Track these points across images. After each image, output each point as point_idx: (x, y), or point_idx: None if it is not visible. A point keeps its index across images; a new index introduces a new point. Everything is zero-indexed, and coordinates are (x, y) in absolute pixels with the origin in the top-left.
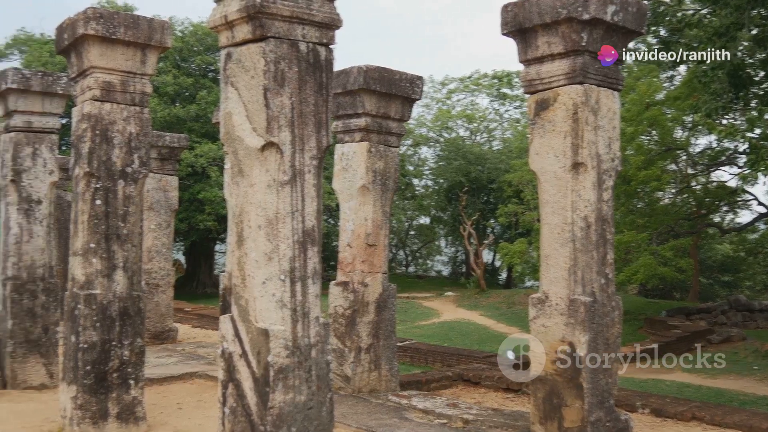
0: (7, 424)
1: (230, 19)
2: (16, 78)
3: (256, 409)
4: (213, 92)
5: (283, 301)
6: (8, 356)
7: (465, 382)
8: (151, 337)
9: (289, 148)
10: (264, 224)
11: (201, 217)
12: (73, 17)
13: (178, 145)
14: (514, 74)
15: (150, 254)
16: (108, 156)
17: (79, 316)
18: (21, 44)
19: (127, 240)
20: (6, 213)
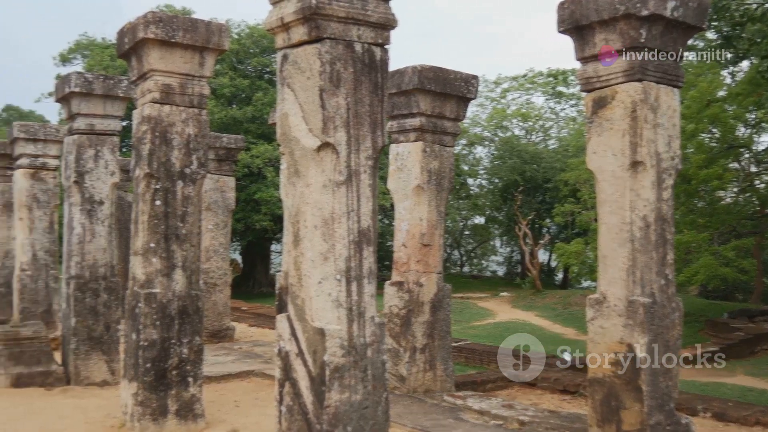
0: (71, 420)
1: (286, 21)
2: (79, 82)
3: (313, 408)
4: (269, 94)
5: (339, 301)
6: (72, 353)
7: (521, 384)
8: (208, 336)
9: (344, 148)
10: (320, 224)
11: (257, 217)
12: (134, 21)
13: (235, 146)
14: (570, 72)
15: (208, 254)
16: (167, 157)
17: (139, 314)
18: (83, 49)
19: (185, 240)
20: (69, 213)
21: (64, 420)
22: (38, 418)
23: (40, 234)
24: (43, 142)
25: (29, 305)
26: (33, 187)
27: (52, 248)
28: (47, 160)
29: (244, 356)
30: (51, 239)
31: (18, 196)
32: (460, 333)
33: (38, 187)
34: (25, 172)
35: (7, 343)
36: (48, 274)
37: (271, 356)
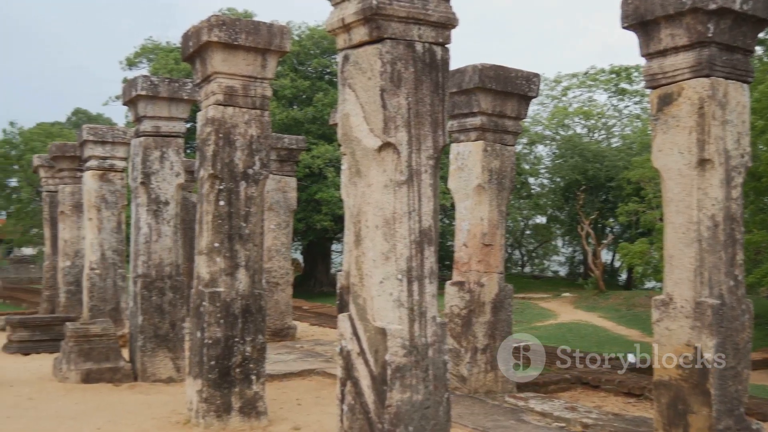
0: (138, 415)
1: (347, 22)
2: (145, 85)
3: (374, 407)
4: (329, 94)
5: (400, 301)
6: (139, 350)
7: (584, 385)
8: (271, 335)
9: (405, 148)
10: (381, 224)
11: (318, 217)
12: (198, 25)
13: (296, 147)
14: (633, 69)
15: (270, 253)
16: (231, 158)
17: (204, 312)
18: (149, 53)
19: (249, 239)
20: (136, 214)
21: (132, 415)
22: (107, 412)
23: (108, 234)
24: (111, 144)
25: (98, 303)
26: (101, 188)
27: (119, 248)
28: (115, 162)
29: (305, 355)
30: (119, 239)
31: (87, 197)
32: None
33: (106, 188)
34: (94, 173)
35: (78, 339)
36: (116, 273)
37: (332, 355)
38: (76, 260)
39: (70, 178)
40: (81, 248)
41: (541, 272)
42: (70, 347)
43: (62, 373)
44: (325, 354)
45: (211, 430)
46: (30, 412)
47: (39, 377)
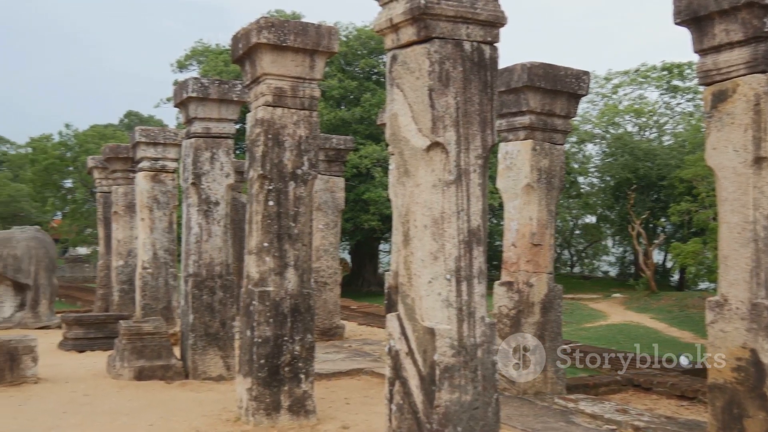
0: (190, 412)
1: (395, 22)
2: (196, 87)
3: (423, 407)
4: (377, 94)
5: (449, 301)
6: (190, 348)
7: (635, 388)
8: (319, 334)
9: (454, 147)
10: (430, 224)
11: (366, 217)
12: (247, 27)
13: (344, 147)
14: (686, 65)
15: (318, 253)
16: (280, 159)
17: (253, 311)
18: (199, 55)
19: (298, 239)
20: (187, 214)
21: (183, 412)
22: (159, 409)
23: (160, 234)
24: (163, 145)
25: (150, 302)
26: (153, 188)
27: (171, 247)
28: (166, 163)
29: (353, 354)
30: (170, 239)
31: (139, 198)
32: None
33: (158, 189)
34: (146, 174)
35: (131, 337)
36: (167, 272)
37: (380, 355)
38: (129, 259)
39: (123, 179)
40: (134, 248)
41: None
42: (124, 345)
43: (116, 370)
44: (373, 353)
45: (260, 428)
46: (85, 408)
47: (94, 374)
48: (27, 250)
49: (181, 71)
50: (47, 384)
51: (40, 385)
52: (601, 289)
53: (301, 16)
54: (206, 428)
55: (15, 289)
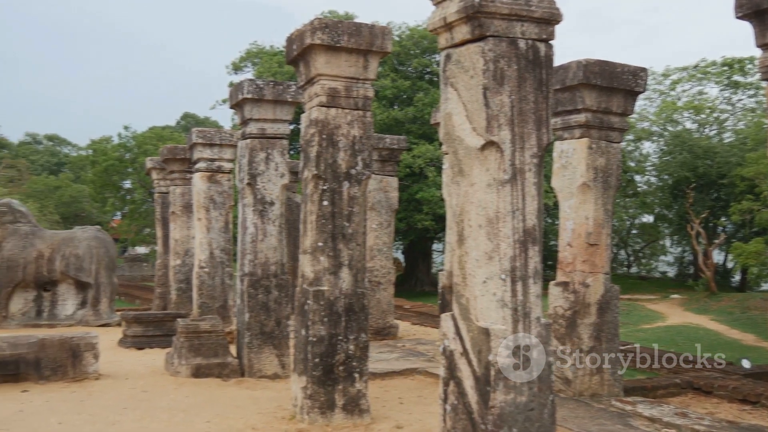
0: (245, 410)
1: (449, 21)
2: (251, 88)
3: (477, 407)
4: (430, 94)
5: (503, 301)
6: (245, 346)
7: (695, 391)
8: (373, 333)
9: (509, 146)
10: (484, 223)
11: (419, 217)
12: (301, 28)
13: (397, 147)
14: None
15: (372, 253)
16: (334, 159)
17: (308, 311)
18: (253, 57)
19: (352, 239)
20: (243, 214)
21: (239, 409)
22: (216, 406)
23: (216, 233)
24: (219, 146)
25: (207, 300)
26: (210, 189)
27: (227, 247)
28: (222, 164)
29: (407, 354)
30: (226, 238)
31: (196, 198)
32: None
33: (214, 189)
34: (203, 175)
35: (188, 335)
36: (224, 272)
37: (434, 354)
38: (187, 259)
39: (181, 179)
40: (191, 247)
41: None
42: (181, 343)
43: (174, 367)
44: (426, 353)
45: (315, 426)
46: (144, 404)
47: (152, 371)
48: (88, 249)
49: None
50: (108, 380)
51: (101, 381)
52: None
53: (354, 17)
54: (262, 426)
55: (77, 288)
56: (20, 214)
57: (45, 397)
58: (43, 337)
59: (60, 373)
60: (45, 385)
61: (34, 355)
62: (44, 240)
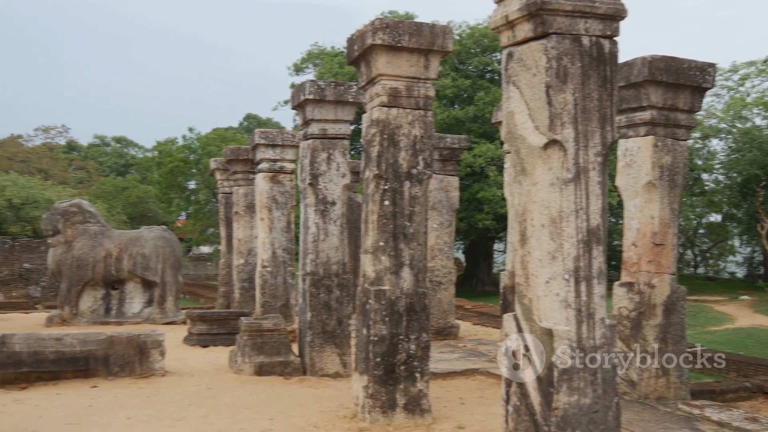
0: (307, 408)
1: (511, 19)
2: (313, 89)
3: (540, 409)
4: (490, 93)
5: (567, 301)
6: (307, 345)
7: (766, 395)
8: (433, 333)
9: (572, 145)
10: (547, 223)
11: (480, 217)
12: (362, 29)
13: (458, 146)
14: None
15: (433, 252)
16: (395, 159)
17: (369, 310)
18: (314, 58)
19: (413, 239)
20: (305, 214)
21: (301, 408)
22: (279, 404)
23: (278, 233)
24: (281, 147)
25: (269, 299)
26: (272, 189)
27: (289, 246)
28: (284, 164)
29: (468, 354)
30: (288, 238)
31: (259, 198)
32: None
33: (277, 190)
34: (265, 175)
35: (252, 334)
36: (286, 271)
37: (495, 355)
38: (250, 258)
39: (244, 180)
40: (254, 247)
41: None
42: (245, 341)
43: (237, 365)
44: (488, 354)
45: (377, 425)
46: (209, 401)
47: (216, 368)
48: (155, 248)
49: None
50: (173, 377)
51: (167, 378)
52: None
53: (415, 16)
54: (324, 424)
55: (144, 286)
56: (90, 214)
57: (114, 392)
58: (112, 334)
59: (128, 370)
60: (113, 381)
61: (104, 351)
62: (112, 239)
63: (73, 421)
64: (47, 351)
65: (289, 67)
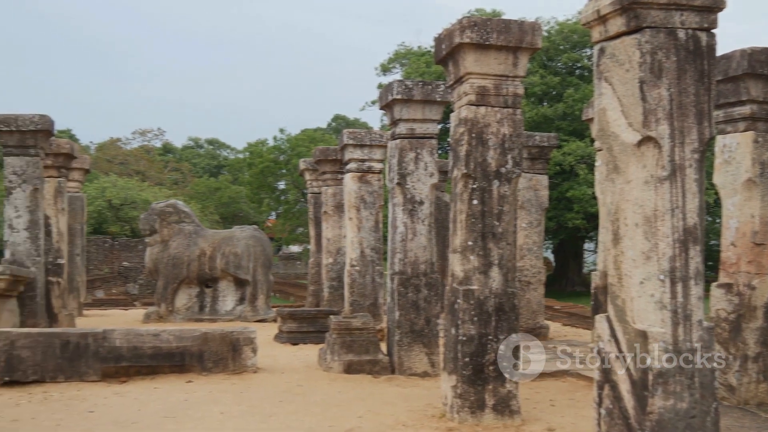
0: (396, 406)
1: (603, 14)
2: (401, 89)
3: (634, 413)
4: (580, 89)
5: (662, 303)
6: (396, 344)
7: None
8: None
9: (667, 142)
10: (641, 222)
11: (569, 216)
12: (450, 28)
13: (547, 144)
14: None
15: (521, 252)
16: (483, 157)
17: (458, 310)
18: (401, 58)
19: (502, 238)
20: (393, 213)
21: (390, 406)
22: (367, 402)
23: (367, 232)
24: (369, 147)
25: (358, 298)
26: (360, 189)
27: (377, 246)
28: (372, 164)
29: (558, 355)
30: (376, 237)
31: (347, 198)
32: None
33: (365, 189)
34: (354, 175)
35: (341, 332)
36: (374, 270)
37: (585, 356)
38: (338, 257)
39: (332, 180)
40: (342, 246)
41: None
42: (334, 339)
43: (326, 363)
44: (578, 355)
45: (465, 425)
46: (299, 398)
47: (306, 366)
48: (246, 248)
49: (385, 74)
50: (265, 374)
51: (258, 374)
52: None
53: (502, 14)
54: (412, 423)
55: (236, 284)
56: (185, 214)
57: (208, 388)
58: (206, 331)
59: (221, 366)
60: (207, 377)
61: (198, 347)
62: (206, 239)
63: (169, 414)
64: (145, 346)
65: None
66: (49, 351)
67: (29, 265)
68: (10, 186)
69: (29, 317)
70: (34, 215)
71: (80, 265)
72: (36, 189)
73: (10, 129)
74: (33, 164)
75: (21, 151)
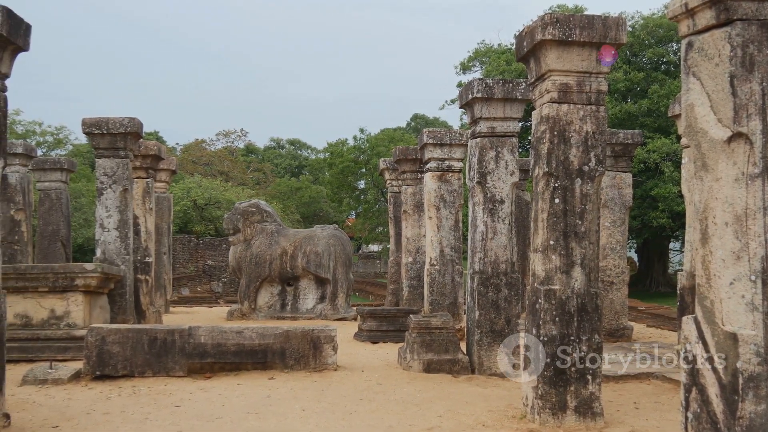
0: (475, 406)
1: (691, 7)
2: (481, 87)
3: (723, 417)
4: (665, 85)
5: (753, 304)
6: (475, 344)
7: None
8: (605, 335)
9: (759, 138)
10: (731, 221)
11: (654, 214)
12: (531, 25)
13: (631, 142)
14: None
15: (604, 252)
16: (565, 156)
17: (539, 310)
18: (481, 56)
19: (584, 237)
20: (473, 212)
21: (470, 406)
22: (447, 401)
23: (446, 232)
24: (449, 146)
25: (437, 297)
26: (440, 188)
27: (457, 245)
28: (452, 163)
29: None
30: (456, 236)
31: (427, 197)
32: None
33: (445, 188)
34: (433, 174)
35: (420, 331)
36: (454, 269)
37: (671, 359)
38: (418, 256)
39: (412, 179)
40: (422, 245)
41: None
42: (413, 338)
43: (406, 361)
44: (663, 357)
45: (546, 427)
46: (379, 396)
47: (386, 364)
48: (327, 247)
49: (465, 73)
50: (345, 371)
51: (338, 372)
52: None
53: (584, 9)
54: (492, 423)
55: (316, 283)
56: (267, 213)
57: (289, 385)
58: (288, 328)
59: (302, 363)
60: (289, 374)
61: (280, 345)
62: (287, 238)
63: (252, 410)
64: (229, 343)
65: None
66: (137, 347)
67: (119, 264)
68: (101, 187)
69: (119, 314)
70: (123, 215)
71: (167, 264)
72: (125, 189)
73: (101, 132)
74: (123, 166)
75: (111, 153)
